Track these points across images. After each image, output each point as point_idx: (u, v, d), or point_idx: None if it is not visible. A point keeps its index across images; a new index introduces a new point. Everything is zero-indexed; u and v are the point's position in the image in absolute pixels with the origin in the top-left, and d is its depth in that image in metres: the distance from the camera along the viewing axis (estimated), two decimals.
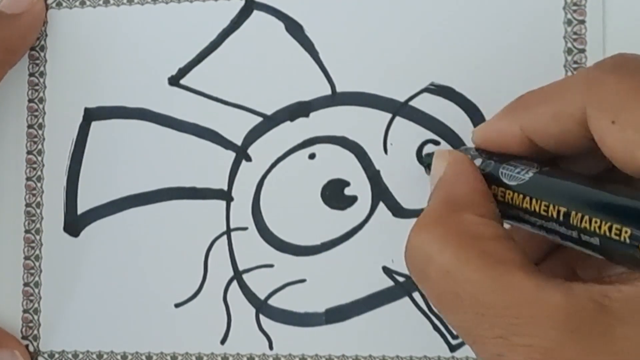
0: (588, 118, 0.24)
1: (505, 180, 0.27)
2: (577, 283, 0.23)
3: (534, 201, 0.25)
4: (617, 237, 0.22)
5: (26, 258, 0.37)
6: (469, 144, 0.34)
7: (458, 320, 0.24)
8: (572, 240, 0.24)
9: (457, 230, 0.25)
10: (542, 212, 0.25)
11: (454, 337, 0.34)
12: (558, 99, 0.26)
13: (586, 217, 0.23)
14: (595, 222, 0.23)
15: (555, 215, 0.24)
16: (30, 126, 0.38)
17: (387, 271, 0.34)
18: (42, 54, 0.38)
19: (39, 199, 0.37)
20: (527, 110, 0.27)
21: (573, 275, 0.28)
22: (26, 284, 0.37)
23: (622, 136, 0.23)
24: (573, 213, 0.24)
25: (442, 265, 0.24)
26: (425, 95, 0.35)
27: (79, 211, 0.37)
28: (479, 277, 0.23)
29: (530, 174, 0.26)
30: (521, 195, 0.26)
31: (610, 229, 0.22)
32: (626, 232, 0.22)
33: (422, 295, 0.34)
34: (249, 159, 0.36)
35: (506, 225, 0.27)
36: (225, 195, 0.36)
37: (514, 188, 0.26)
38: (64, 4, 0.38)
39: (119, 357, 0.36)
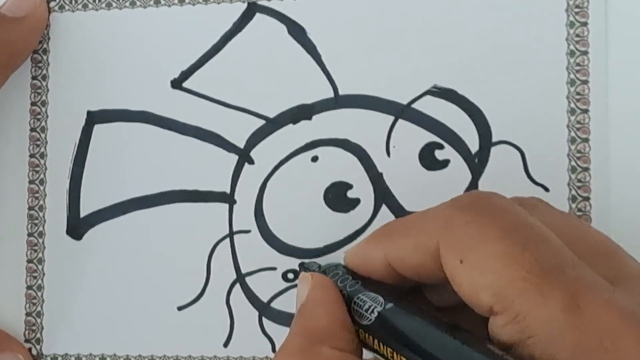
0: (441, 255, 0.25)
1: (357, 318, 0.27)
2: None
3: (380, 344, 0.26)
4: None
5: (29, 261, 0.37)
6: (471, 146, 0.34)
7: None
8: None
9: None
10: (389, 357, 0.26)
11: None
12: (418, 232, 0.27)
13: None
14: None
15: None
16: (32, 129, 0.38)
17: None
18: (44, 57, 0.38)
19: (41, 202, 0.37)
20: (390, 239, 0.28)
21: None
22: (29, 287, 0.37)
23: (469, 276, 0.24)
24: None
25: None
26: (428, 97, 0.35)
27: (82, 214, 0.37)
28: None
29: (375, 314, 0.26)
30: (371, 337, 0.27)
31: None
32: None
33: None
34: (251, 161, 0.36)
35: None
36: (228, 198, 0.36)
37: (364, 327, 0.27)
38: (67, 7, 0.38)
39: None
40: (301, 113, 0.36)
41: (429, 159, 0.34)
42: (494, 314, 0.23)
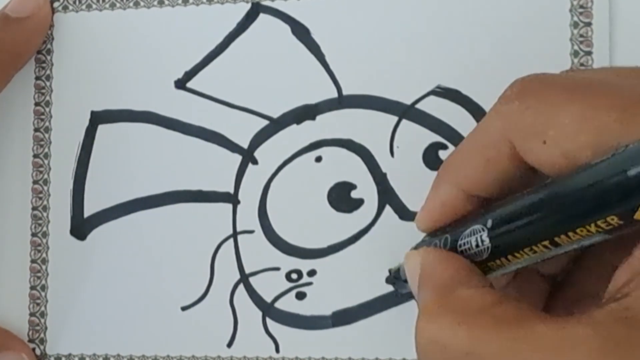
0: (519, 151, 0.25)
1: (475, 259, 0.26)
2: (595, 309, 0.22)
3: (516, 255, 0.25)
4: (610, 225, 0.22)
5: (33, 261, 0.37)
6: None
7: None
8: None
9: (459, 310, 0.24)
10: (528, 255, 0.24)
11: None
12: (482, 148, 0.26)
13: (570, 234, 0.23)
14: (583, 230, 0.22)
15: (543, 249, 0.24)
16: (36, 129, 0.38)
17: None
18: (48, 58, 0.38)
19: (45, 202, 0.37)
20: (458, 170, 0.27)
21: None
22: (33, 287, 0.37)
23: (559, 150, 0.23)
24: (557, 239, 0.23)
25: (460, 350, 0.23)
26: (432, 97, 0.35)
27: (86, 214, 0.37)
28: (502, 344, 0.22)
29: (487, 240, 0.25)
30: (497, 260, 0.26)
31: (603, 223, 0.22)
32: (612, 219, 0.21)
33: None
34: (255, 162, 0.36)
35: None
36: (232, 199, 0.36)
37: (485, 260, 0.26)
38: (70, 7, 0.38)
39: None
40: (305, 113, 0.36)
41: (432, 159, 0.34)
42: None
